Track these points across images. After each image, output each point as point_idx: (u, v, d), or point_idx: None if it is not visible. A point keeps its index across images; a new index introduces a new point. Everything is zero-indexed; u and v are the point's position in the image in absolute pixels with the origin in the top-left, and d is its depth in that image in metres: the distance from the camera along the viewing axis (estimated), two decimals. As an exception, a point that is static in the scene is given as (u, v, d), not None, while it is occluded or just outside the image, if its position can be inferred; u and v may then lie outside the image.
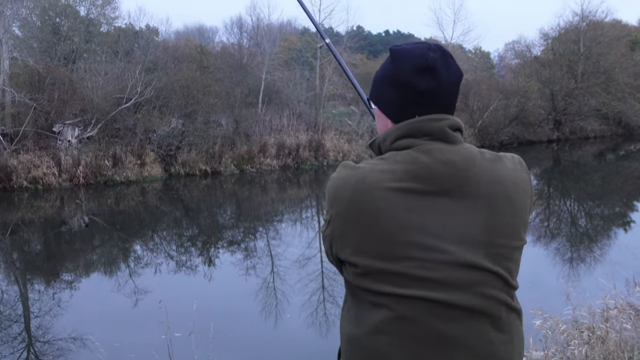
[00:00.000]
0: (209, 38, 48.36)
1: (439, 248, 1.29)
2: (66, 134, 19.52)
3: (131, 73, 20.95)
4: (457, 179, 1.32)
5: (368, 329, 1.34)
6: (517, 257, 1.37)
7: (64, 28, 28.29)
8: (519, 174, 1.40)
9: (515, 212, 1.35)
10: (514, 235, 1.35)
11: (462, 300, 1.28)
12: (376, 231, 1.31)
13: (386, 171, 1.34)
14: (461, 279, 1.29)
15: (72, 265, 11.19)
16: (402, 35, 58.69)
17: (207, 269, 10.52)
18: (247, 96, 25.67)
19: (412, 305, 1.29)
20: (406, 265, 1.30)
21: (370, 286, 1.34)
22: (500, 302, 1.32)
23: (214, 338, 5.15)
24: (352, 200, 1.34)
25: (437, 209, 1.31)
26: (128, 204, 16.63)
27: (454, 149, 1.35)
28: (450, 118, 1.38)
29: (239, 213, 16.31)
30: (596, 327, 3.70)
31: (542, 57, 34.64)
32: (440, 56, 1.37)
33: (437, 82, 1.36)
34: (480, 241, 1.31)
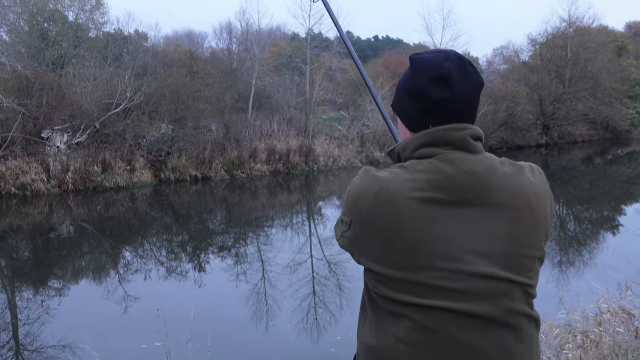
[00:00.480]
0: (198, 43, 48.34)
1: (461, 259, 1.29)
2: (55, 140, 19.38)
3: (120, 78, 20.88)
4: (479, 189, 1.32)
5: (388, 339, 1.33)
6: (538, 268, 1.36)
7: (52, 33, 28.15)
8: (539, 183, 1.39)
9: (537, 222, 1.35)
10: (535, 245, 1.34)
11: (484, 311, 1.28)
12: (398, 241, 1.31)
13: (409, 181, 1.33)
14: (483, 290, 1.28)
15: (61, 272, 11.08)
16: (392, 41, 58.98)
17: (198, 275, 10.46)
18: (238, 102, 25.67)
19: (433, 316, 1.29)
20: (428, 275, 1.29)
21: (390, 295, 1.33)
22: (521, 313, 1.32)
23: (204, 344, 5.12)
24: (373, 209, 1.34)
25: (459, 219, 1.31)
26: (118, 210, 16.52)
27: (476, 158, 1.35)
28: (471, 128, 1.38)
29: (230, 219, 16.25)
30: (590, 332, 3.72)
31: (530, 62, 34.97)
32: (457, 66, 1.36)
33: (452, 92, 1.36)
34: (501, 252, 1.31)
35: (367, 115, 26.51)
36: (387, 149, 1.58)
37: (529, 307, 1.34)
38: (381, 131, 25.75)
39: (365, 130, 25.83)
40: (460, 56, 1.38)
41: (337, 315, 8.14)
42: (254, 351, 6.82)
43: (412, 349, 1.30)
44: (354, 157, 24.22)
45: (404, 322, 1.31)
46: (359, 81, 32.16)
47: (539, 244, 1.35)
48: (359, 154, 24.63)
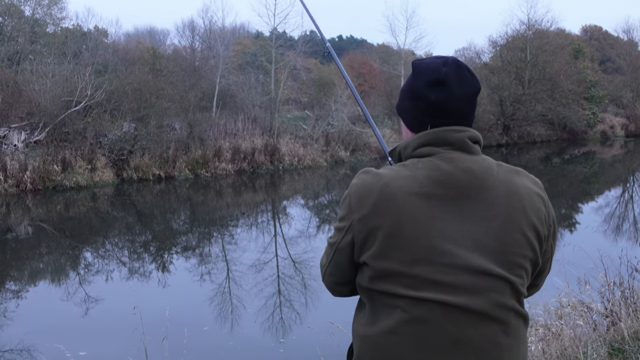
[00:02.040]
0: (160, 40, 47.64)
1: (456, 253, 1.35)
2: (12, 138, 18.79)
3: (80, 75, 20.39)
4: (475, 186, 1.40)
5: (381, 330, 1.39)
6: (529, 268, 1.43)
7: (7, 28, 27.33)
8: (535, 190, 1.46)
9: (529, 223, 1.41)
10: (526, 245, 1.40)
11: (475, 305, 1.34)
12: (399, 235, 1.37)
13: (409, 177, 1.41)
14: (475, 284, 1.35)
15: (19, 274, 10.77)
16: (355, 40, 59.32)
17: (161, 275, 10.32)
18: (201, 100, 25.41)
19: (426, 308, 1.35)
20: (424, 269, 1.36)
21: (386, 288, 1.39)
22: (510, 308, 1.38)
23: (166, 345, 5.06)
24: (376, 205, 1.40)
25: (456, 215, 1.38)
26: (78, 210, 16.15)
27: (473, 158, 1.43)
28: (470, 130, 1.46)
29: (194, 218, 16.08)
30: (551, 324, 3.83)
31: (491, 63, 35.65)
32: (454, 70, 1.45)
33: (448, 95, 1.44)
34: (494, 248, 1.37)
35: (332, 114, 26.59)
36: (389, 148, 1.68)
37: (519, 303, 1.41)
38: (346, 130, 25.88)
39: (329, 130, 25.90)
40: (457, 62, 1.47)
41: (302, 313, 8.16)
42: (219, 351, 6.78)
43: (404, 339, 1.36)
44: (318, 156, 24.27)
45: (397, 314, 1.37)
46: (324, 80, 32.26)
47: (530, 245, 1.41)
48: (324, 153, 24.69)
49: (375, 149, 26.63)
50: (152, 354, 4.97)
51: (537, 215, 1.43)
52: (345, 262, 1.48)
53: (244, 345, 6.97)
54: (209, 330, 7.46)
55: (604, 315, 4.15)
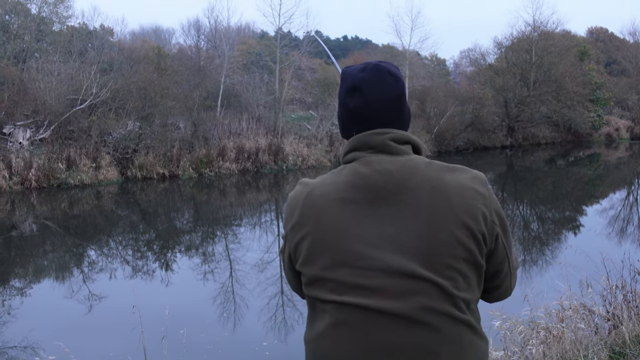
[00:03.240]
0: (165, 39, 47.72)
1: (375, 256, 1.33)
2: (17, 135, 18.88)
3: (86, 74, 20.46)
4: (393, 187, 1.37)
5: (316, 334, 1.41)
6: (465, 268, 1.34)
7: (13, 26, 27.41)
8: (470, 186, 1.38)
9: (459, 222, 1.34)
10: (455, 245, 1.33)
11: (397, 309, 1.30)
12: (320, 241, 1.38)
13: (331, 183, 1.42)
14: (396, 287, 1.31)
15: (23, 271, 10.82)
16: (360, 40, 59.30)
17: (164, 274, 10.34)
18: (206, 99, 25.46)
19: (349, 312, 1.34)
20: (345, 273, 1.35)
21: (316, 294, 1.40)
22: (439, 312, 1.31)
23: (165, 344, 5.08)
24: (302, 213, 1.43)
25: (374, 217, 1.36)
26: (83, 208, 16.20)
27: (394, 159, 1.40)
28: (393, 132, 1.43)
29: (197, 217, 16.11)
30: (552, 327, 3.83)
31: (496, 65, 35.59)
32: (372, 76, 1.44)
33: (364, 101, 1.44)
34: (416, 249, 1.32)
35: (336, 114, 26.60)
36: None
37: (455, 308, 1.32)
38: (350, 131, 25.85)
39: (334, 130, 25.90)
40: (379, 67, 1.45)
41: (304, 313, 8.16)
42: (222, 350, 6.80)
43: (334, 344, 1.36)
44: (322, 156, 24.28)
45: (326, 318, 1.38)
46: (328, 80, 32.26)
47: (462, 244, 1.33)
48: (328, 153, 24.69)
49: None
50: (152, 353, 4.99)
51: (469, 212, 1.35)
52: (292, 271, 1.51)
53: (246, 344, 6.99)
54: (212, 329, 7.48)
55: (605, 318, 4.14)
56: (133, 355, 5.33)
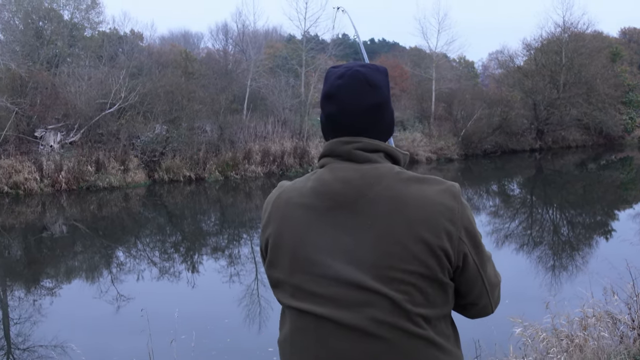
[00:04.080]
0: (194, 44, 48.20)
1: (329, 264, 1.32)
2: (48, 138, 19.32)
3: (115, 78, 20.83)
4: (351, 196, 1.34)
5: (282, 338, 1.43)
6: (421, 284, 1.29)
7: (47, 32, 28.04)
8: (436, 200, 1.33)
9: (414, 236, 1.29)
10: (409, 259, 1.28)
11: (349, 320, 1.29)
12: (281, 244, 1.39)
13: (298, 188, 1.42)
14: (348, 298, 1.29)
15: (53, 272, 11.05)
16: (387, 43, 59.06)
17: (191, 275, 10.46)
18: (232, 103, 25.65)
19: (305, 320, 1.34)
20: (301, 279, 1.35)
21: (279, 297, 1.42)
22: (394, 327, 1.28)
23: (196, 345, 5.13)
24: (269, 215, 1.44)
25: (332, 225, 1.34)
26: (111, 210, 16.48)
27: (358, 167, 1.37)
28: (362, 141, 1.39)
29: (223, 220, 16.25)
30: (575, 335, 3.75)
31: (525, 67, 35.06)
32: (347, 83, 1.40)
33: (337, 108, 1.41)
34: (369, 261, 1.29)
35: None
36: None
37: (410, 322, 1.28)
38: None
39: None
40: (357, 74, 1.41)
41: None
42: (247, 352, 6.83)
43: (293, 349, 1.37)
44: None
45: (288, 323, 1.40)
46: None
47: (417, 259, 1.28)
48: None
49: (405, 153, 26.44)
50: (182, 352, 5.04)
51: (429, 227, 1.29)
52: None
53: (272, 346, 7.00)
54: (237, 330, 7.52)
55: (631, 327, 4.03)
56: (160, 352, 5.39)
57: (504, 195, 20.39)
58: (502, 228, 14.14)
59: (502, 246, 12.05)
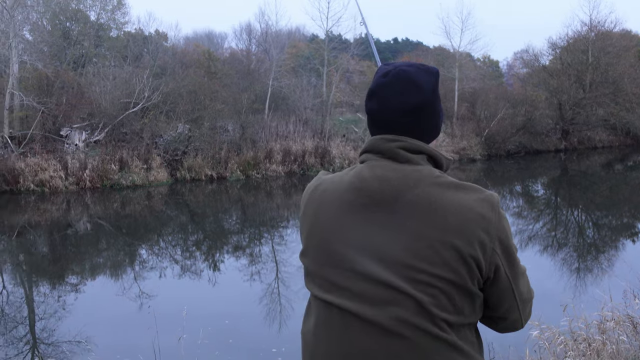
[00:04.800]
0: (218, 44, 48.53)
1: (358, 261, 1.32)
2: (73, 137, 19.65)
3: (139, 78, 21.09)
4: (388, 195, 1.34)
5: (307, 329, 1.45)
6: (450, 290, 1.29)
7: (74, 32, 28.50)
8: (473, 208, 1.31)
9: (447, 242, 1.28)
10: (439, 264, 1.28)
11: (374, 316, 1.29)
12: (314, 235, 1.41)
13: (337, 182, 1.42)
14: (374, 295, 1.30)
15: (78, 268, 11.23)
16: (411, 43, 58.73)
17: (212, 273, 10.53)
18: (254, 102, 25.78)
19: (331, 313, 1.35)
20: (330, 271, 1.36)
21: (309, 288, 1.43)
22: (417, 327, 1.28)
23: (219, 343, 5.17)
24: (306, 205, 1.47)
25: (365, 222, 1.35)
26: (134, 208, 16.69)
27: (398, 167, 1.37)
28: (405, 140, 1.39)
29: (245, 218, 16.33)
30: (593, 339, 3.67)
31: (550, 66, 34.56)
32: (391, 82, 1.40)
33: (377, 106, 1.42)
34: (399, 261, 1.30)
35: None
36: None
37: (433, 325, 1.28)
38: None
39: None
40: (401, 73, 1.40)
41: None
42: (268, 351, 6.84)
43: (317, 340, 1.39)
44: (369, 159, 24.16)
45: (314, 315, 1.41)
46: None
47: (447, 265, 1.28)
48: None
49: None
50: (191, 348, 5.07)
51: (463, 235, 1.29)
52: None
53: (292, 345, 7.01)
54: (258, 328, 7.54)
55: (652, 331, 3.93)
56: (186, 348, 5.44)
57: (527, 196, 20.13)
58: (525, 229, 13.96)
59: (525, 248, 11.90)
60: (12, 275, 10.64)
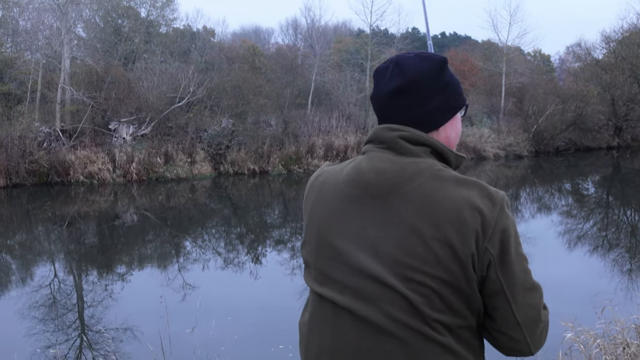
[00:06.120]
0: (264, 39, 48.89)
1: (352, 254, 1.28)
2: (121, 131, 20.17)
3: (184, 73, 21.46)
4: (383, 188, 1.29)
5: (303, 321, 1.42)
6: (443, 290, 1.22)
7: (125, 29, 29.25)
8: (472, 203, 1.23)
9: (441, 239, 1.22)
10: (432, 262, 1.22)
11: (366, 312, 1.25)
12: (311, 227, 1.39)
13: (335, 173, 1.39)
14: (367, 290, 1.26)
15: (125, 258, 11.51)
16: (459, 37, 57.73)
17: (254, 266, 10.61)
18: (297, 97, 25.88)
19: (326, 306, 1.33)
20: (324, 264, 1.33)
21: (306, 280, 1.41)
22: (408, 327, 1.23)
23: (260, 335, 5.19)
24: (306, 197, 1.46)
25: (360, 215, 1.30)
26: (178, 201, 17.01)
27: (397, 159, 1.31)
28: (407, 130, 1.33)
29: (286, 213, 16.41)
30: (631, 343, 3.50)
31: (603, 60, 33.35)
32: (385, 67, 1.39)
33: (373, 91, 1.42)
34: (392, 258, 1.25)
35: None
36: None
37: (427, 326, 1.23)
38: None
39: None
40: (394, 60, 1.39)
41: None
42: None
43: (311, 333, 1.37)
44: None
45: (310, 307, 1.40)
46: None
47: (440, 264, 1.21)
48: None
49: (472, 149, 25.81)
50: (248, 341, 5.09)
51: (459, 231, 1.21)
52: None
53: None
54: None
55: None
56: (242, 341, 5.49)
57: (577, 195, 19.49)
58: (574, 228, 13.52)
59: (574, 247, 11.53)
60: (63, 264, 11.00)
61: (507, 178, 22.48)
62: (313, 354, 1.36)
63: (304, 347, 1.40)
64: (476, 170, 23.45)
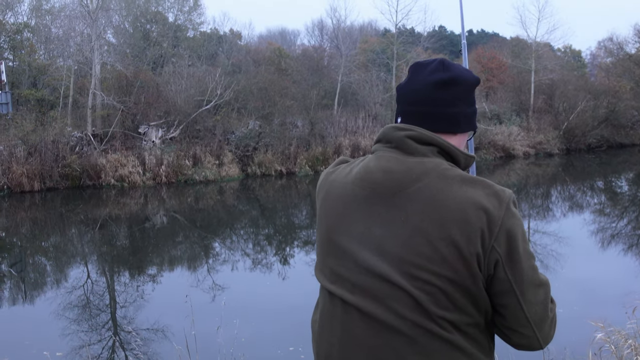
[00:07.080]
0: (290, 41, 49.05)
1: (358, 253, 1.30)
2: (150, 134, 20.48)
3: (211, 76, 21.69)
4: (390, 187, 1.30)
5: (315, 317, 1.44)
6: (448, 288, 1.24)
7: (153, 34, 29.68)
8: (479, 203, 1.24)
9: (446, 238, 1.23)
10: (437, 261, 1.23)
11: (374, 310, 1.27)
12: (320, 225, 1.41)
13: (346, 172, 1.41)
14: (375, 289, 1.28)
15: (155, 260, 11.68)
16: (487, 34, 56.98)
17: (282, 267, 10.66)
18: (323, 98, 25.89)
19: (335, 303, 1.35)
20: (333, 261, 1.36)
21: (318, 276, 1.43)
22: (415, 324, 1.25)
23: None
24: (317, 192, 1.49)
25: (367, 214, 1.32)
26: (207, 203, 17.19)
27: (404, 159, 1.32)
28: (415, 130, 1.34)
29: (313, 214, 16.43)
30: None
31: (636, 54, 32.54)
32: (428, 63, 1.41)
33: (413, 81, 1.41)
34: (398, 256, 1.26)
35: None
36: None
37: (434, 324, 1.24)
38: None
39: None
40: (442, 59, 1.41)
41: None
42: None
43: (321, 330, 1.39)
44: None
45: (321, 304, 1.42)
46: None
47: (445, 262, 1.23)
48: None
49: (501, 147, 25.45)
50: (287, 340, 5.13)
51: (464, 231, 1.22)
52: None
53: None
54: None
55: None
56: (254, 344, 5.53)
57: (610, 193, 19.05)
58: (608, 227, 13.24)
59: (607, 246, 11.29)
60: (95, 265, 11.22)
61: (537, 176, 22.11)
62: (324, 352, 1.38)
63: (315, 345, 1.43)
64: (505, 169, 23.12)
